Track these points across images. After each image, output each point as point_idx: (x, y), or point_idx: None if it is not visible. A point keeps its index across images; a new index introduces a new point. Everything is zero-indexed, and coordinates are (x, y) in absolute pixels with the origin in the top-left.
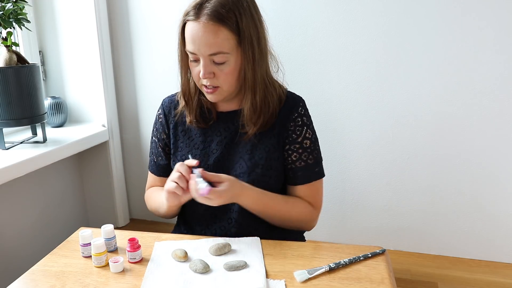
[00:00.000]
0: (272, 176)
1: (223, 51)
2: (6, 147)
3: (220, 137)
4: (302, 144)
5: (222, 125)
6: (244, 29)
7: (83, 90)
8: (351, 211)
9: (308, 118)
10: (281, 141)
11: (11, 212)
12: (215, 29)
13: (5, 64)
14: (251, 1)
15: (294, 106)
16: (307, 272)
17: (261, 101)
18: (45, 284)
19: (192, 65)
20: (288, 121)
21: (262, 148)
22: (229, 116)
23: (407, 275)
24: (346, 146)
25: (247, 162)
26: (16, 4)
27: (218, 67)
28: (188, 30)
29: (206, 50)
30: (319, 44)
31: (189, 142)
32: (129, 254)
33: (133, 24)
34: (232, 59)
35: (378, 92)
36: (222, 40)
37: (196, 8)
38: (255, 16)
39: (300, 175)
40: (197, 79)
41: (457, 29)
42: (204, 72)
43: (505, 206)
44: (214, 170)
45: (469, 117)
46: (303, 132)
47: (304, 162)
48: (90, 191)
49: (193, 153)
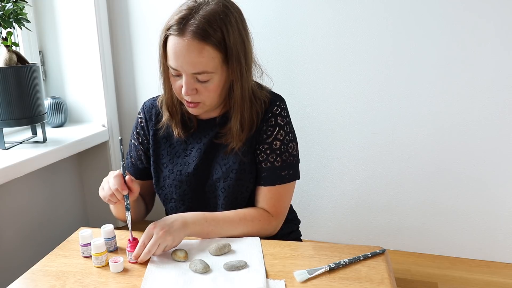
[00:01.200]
0: (246, 179)
1: (207, 70)
2: (6, 147)
3: (199, 144)
4: (271, 145)
5: (202, 133)
6: (232, 47)
7: (83, 90)
8: (351, 211)
9: (283, 118)
10: (254, 142)
11: (11, 212)
12: (200, 47)
13: (5, 64)
14: (238, 15)
15: (270, 106)
16: (307, 272)
17: (248, 118)
18: (45, 284)
19: (174, 79)
20: (262, 121)
21: (236, 152)
22: (208, 123)
23: (407, 275)
24: (346, 146)
25: (222, 167)
26: (16, 4)
27: (202, 84)
28: (171, 46)
29: (189, 69)
30: (319, 44)
31: (170, 149)
32: (129, 254)
33: (133, 24)
34: (216, 77)
35: (378, 92)
36: (207, 60)
37: (180, 24)
38: (242, 31)
39: (264, 176)
40: (179, 93)
41: (458, 29)
42: (186, 90)
43: (505, 206)
44: (194, 178)
45: (470, 117)
46: (274, 133)
47: (270, 163)
48: (90, 191)
49: (174, 161)
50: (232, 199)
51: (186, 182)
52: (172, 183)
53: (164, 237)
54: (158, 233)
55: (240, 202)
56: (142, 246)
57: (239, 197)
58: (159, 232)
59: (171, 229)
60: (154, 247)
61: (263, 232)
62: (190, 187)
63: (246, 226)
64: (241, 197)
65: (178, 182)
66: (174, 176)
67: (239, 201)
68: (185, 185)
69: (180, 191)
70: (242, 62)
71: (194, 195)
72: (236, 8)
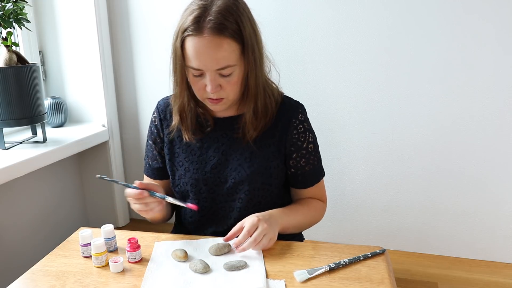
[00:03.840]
0: (272, 184)
1: (230, 64)
2: (6, 147)
3: (217, 144)
4: (307, 149)
5: (220, 132)
6: (248, 37)
7: (83, 90)
8: (351, 211)
9: (308, 123)
10: (282, 149)
11: (11, 212)
12: (220, 42)
13: (5, 64)
14: (246, 6)
15: (294, 113)
16: (307, 272)
17: (262, 106)
18: (45, 284)
19: (195, 80)
20: (290, 128)
21: (261, 156)
22: (227, 122)
23: (407, 275)
24: (346, 146)
25: (246, 170)
26: (16, 4)
27: (225, 78)
28: (191, 46)
29: (213, 65)
30: (319, 44)
31: (186, 148)
32: (129, 254)
33: (133, 24)
34: (238, 69)
35: (378, 92)
36: (229, 53)
37: (196, 23)
38: (252, 21)
39: (310, 178)
40: (202, 93)
41: (458, 29)
42: (212, 87)
43: (505, 206)
44: (210, 178)
45: (470, 117)
46: (307, 138)
47: (312, 165)
48: (90, 191)
49: (190, 159)
50: (255, 202)
51: (203, 180)
52: (188, 181)
53: (269, 230)
54: (263, 225)
55: (263, 206)
56: (247, 235)
57: (263, 201)
58: (264, 224)
59: (273, 224)
60: (260, 237)
61: (320, 219)
62: (207, 186)
63: (312, 215)
64: (265, 201)
65: (195, 180)
66: (190, 175)
67: (263, 205)
68: (201, 184)
69: (196, 190)
70: (256, 51)
71: (209, 195)
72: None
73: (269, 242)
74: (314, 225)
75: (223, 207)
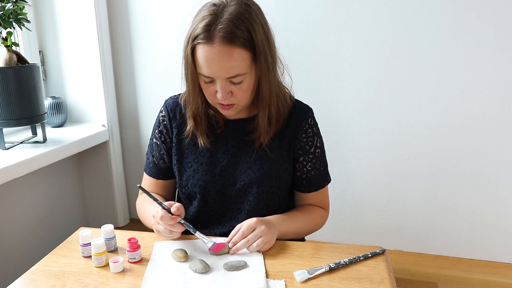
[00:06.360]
0: (281, 187)
1: (240, 72)
2: (6, 147)
3: (227, 146)
4: (315, 154)
5: (229, 134)
6: (259, 44)
7: (83, 90)
8: (351, 211)
9: (317, 128)
10: (292, 153)
11: (11, 212)
12: (231, 51)
13: (5, 64)
14: (259, 11)
15: (304, 117)
16: (307, 272)
17: (276, 112)
18: (45, 284)
19: (207, 86)
20: (300, 132)
21: (271, 159)
22: (237, 124)
23: (407, 275)
24: (346, 146)
25: (256, 173)
26: (16, 4)
27: (236, 86)
28: (201, 55)
29: (223, 74)
30: (319, 44)
31: (195, 149)
32: (129, 254)
33: (133, 24)
34: (249, 76)
35: (378, 92)
36: (239, 62)
37: (206, 31)
38: (265, 27)
39: (315, 183)
40: (213, 98)
41: (459, 29)
42: (222, 94)
43: (504, 206)
44: (220, 180)
45: (469, 117)
46: (315, 142)
47: (317, 170)
48: (90, 191)
49: (199, 161)
50: (264, 205)
51: (212, 183)
52: (197, 183)
53: (266, 232)
54: (261, 228)
55: (271, 209)
56: (242, 236)
57: (271, 204)
58: (261, 226)
59: (271, 228)
60: (254, 239)
61: (320, 227)
62: (216, 188)
63: (312, 223)
64: (273, 204)
65: (203, 182)
66: (199, 177)
67: (271, 208)
68: (210, 186)
69: (204, 191)
70: (268, 58)
71: (218, 197)
72: (256, 4)
73: (265, 245)
74: (314, 232)
75: (231, 209)
